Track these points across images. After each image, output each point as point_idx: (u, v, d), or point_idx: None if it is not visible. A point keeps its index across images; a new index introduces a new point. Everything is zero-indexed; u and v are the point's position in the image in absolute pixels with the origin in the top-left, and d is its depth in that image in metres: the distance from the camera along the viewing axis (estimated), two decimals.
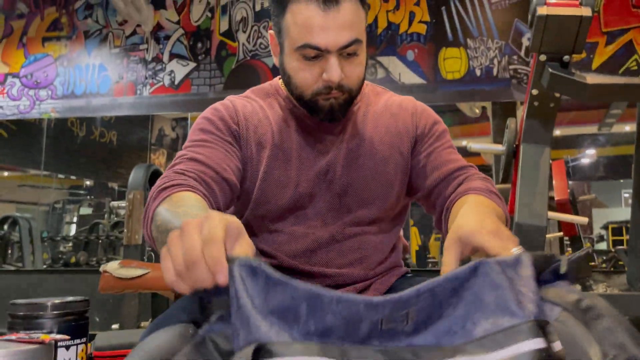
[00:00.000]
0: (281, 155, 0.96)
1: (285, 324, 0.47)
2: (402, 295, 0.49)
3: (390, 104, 1.04)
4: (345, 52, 0.88)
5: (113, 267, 1.57)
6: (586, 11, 1.53)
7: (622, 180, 11.62)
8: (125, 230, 2.39)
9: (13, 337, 0.48)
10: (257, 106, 1.00)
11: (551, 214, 1.95)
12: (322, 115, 0.93)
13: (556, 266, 0.52)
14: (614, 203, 11.91)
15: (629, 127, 7.07)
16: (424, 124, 1.02)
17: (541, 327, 0.45)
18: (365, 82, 1.02)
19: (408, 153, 1.00)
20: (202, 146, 0.91)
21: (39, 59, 3.76)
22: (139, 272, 1.55)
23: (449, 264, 0.64)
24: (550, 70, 1.57)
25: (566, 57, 1.58)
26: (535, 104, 1.72)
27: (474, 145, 2.08)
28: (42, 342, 0.46)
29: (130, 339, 0.71)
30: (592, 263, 5.40)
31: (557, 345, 0.44)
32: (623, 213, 10.65)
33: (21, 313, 0.60)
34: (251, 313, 0.46)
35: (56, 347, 0.52)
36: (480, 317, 0.48)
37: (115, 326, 2.42)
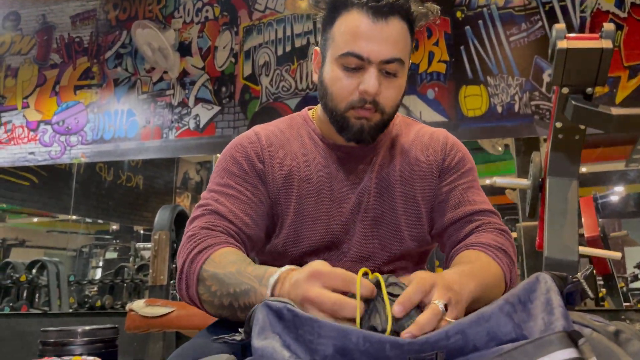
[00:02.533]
0: (312, 189, 0.94)
1: (311, 357, 0.47)
2: (429, 337, 0.48)
3: (421, 134, 1.02)
4: (386, 69, 0.87)
5: (139, 305, 1.58)
6: (607, 43, 1.53)
7: None
8: (150, 271, 2.41)
9: None
10: (283, 138, 0.98)
11: (582, 249, 1.90)
12: (350, 135, 0.91)
13: (571, 287, 0.51)
14: None
15: None
16: (452, 157, 0.99)
17: (572, 340, 0.44)
18: (397, 113, 1.02)
19: (435, 184, 0.98)
20: (226, 194, 0.90)
21: (71, 107, 3.91)
22: (164, 310, 1.56)
23: (405, 294, 0.62)
24: (573, 102, 1.56)
25: (589, 90, 1.58)
26: (560, 136, 1.70)
27: (499, 180, 2.07)
28: None
29: None
30: (627, 303, 5.19)
31: (591, 357, 0.43)
32: None
33: (52, 340, 0.60)
34: (275, 346, 0.46)
35: None
36: (509, 331, 0.47)
37: None
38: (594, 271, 3.44)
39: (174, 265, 2.62)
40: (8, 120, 3.99)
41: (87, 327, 0.59)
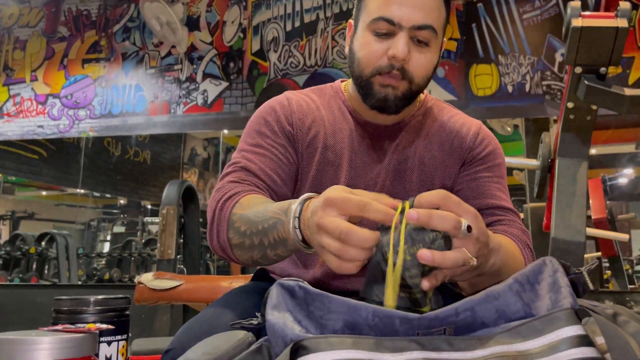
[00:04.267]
0: (332, 158, 0.94)
1: (321, 332, 0.48)
2: (439, 313, 0.48)
3: (454, 121, 0.99)
4: (417, 37, 0.85)
5: (148, 278, 1.60)
6: (622, 22, 1.50)
7: None
8: (158, 245, 2.43)
9: (59, 327, 0.50)
10: (314, 106, 0.98)
11: (590, 230, 1.90)
12: (373, 101, 0.89)
13: (573, 277, 0.52)
14: None
15: None
16: (480, 148, 0.96)
17: (579, 317, 0.44)
18: (431, 96, 1.00)
19: (456, 172, 0.95)
20: (256, 153, 0.91)
21: (79, 80, 3.91)
22: (172, 283, 1.58)
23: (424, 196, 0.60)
24: (586, 82, 1.54)
25: (603, 69, 1.56)
26: (571, 117, 1.69)
27: (507, 159, 2.05)
28: (88, 331, 0.47)
29: (166, 345, 0.72)
30: (632, 286, 5.20)
31: (600, 339, 0.43)
32: None
33: (65, 308, 0.62)
34: (286, 321, 0.46)
35: (100, 338, 0.54)
36: (518, 309, 0.47)
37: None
38: (601, 254, 3.44)
39: (181, 240, 2.64)
40: (17, 93, 4.00)
41: (100, 297, 0.61)
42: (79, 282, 5.34)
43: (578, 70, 1.60)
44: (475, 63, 3.23)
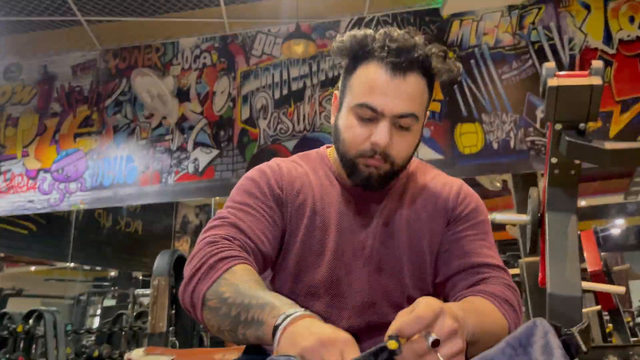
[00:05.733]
0: (320, 222, 0.94)
1: None
2: None
3: (435, 182, 1.02)
4: (399, 123, 0.88)
5: (138, 354, 1.55)
6: (596, 80, 1.56)
7: None
8: (150, 318, 2.37)
9: None
10: (302, 171, 1.00)
11: (585, 284, 1.89)
12: (358, 180, 0.92)
13: (565, 338, 0.51)
14: None
15: None
16: (463, 207, 0.98)
17: None
18: (414, 159, 1.02)
19: (442, 232, 0.97)
20: (244, 212, 0.90)
21: (70, 154, 3.94)
22: (164, 359, 1.53)
23: (393, 325, 0.62)
24: (567, 138, 1.58)
25: (582, 125, 1.60)
26: (556, 171, 1.71)
27: (498, 216, 2.06)
28: None
29: None
30: (635, 339, 5.10)
31: None
32: None
33: None
34: None
35: None
36: None
37: None
38: (601, 307, 3.39)
39: (173, 312, 2.58)
40: (7, 169, 4.01)
41: None
42: None
43: (558, 127, 1.65)
44: (459, 122, 3.32)
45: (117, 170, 3.80)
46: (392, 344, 0.55)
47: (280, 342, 0.62)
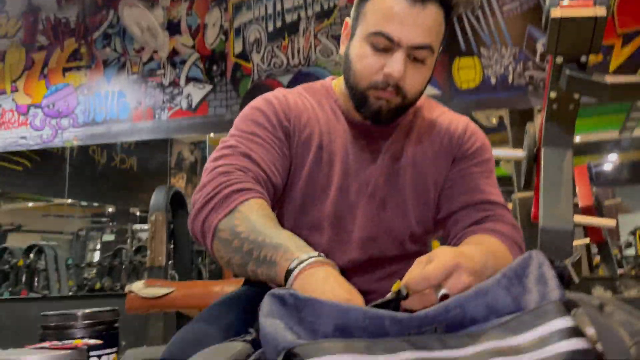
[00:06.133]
0: (325, 157, 0.93)
1: (313, 337, 0.48)
2: (429, 312, 0.48)
3: (441, 120, 1.00)
4: (414, 55, 0.85)
5: (138, 286, 1.59)
6: (600, 11, 1.52)
7: None
8: (148, 252, 2.41)
9: (46, 345, 0.49)
10: (308, 104, 0.97)
11: (577, 218, 1.92)
12: (367, 113, 0.89)
13: (557, 270, 0.52)
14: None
15: None
16: (468, 145, 0.97)
17: (568, 309, 0.44)
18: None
19: (447, 169, 0.96)
20: (254, 142, 0.88)
21: (60, 89, 3.86)
22: (164, 290, 1.57)
23: (407, 275, 0.64)
24: (568, 71, 1.55)
25: (583, 58, 1.57)
26: (554, 106, 1.70)
27: (494, 151, 2.06)
28: (75, 347, 0.46)
29: (158, 354, 0.70)
30: (621, 270, 5.27)
31: (590, 329, 0.43)
32: None
33: (53, 323, 0.61)
34: (277, 329, 0.46)
35: (88, 354, 0.53)
36: (508, 304, 0.48)
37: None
38: (590, 240, 3.47)
39: (171, 246, 2.62)
40: None
41: (88, 310, 0.59)
42: (70, 293, 5.29)
43: (559, 60, 1.62)
44: (458, 56, 3.24)
45: (109, 106, 3.74)
46: (394, 287, 0.57)
47: (292, 287, 0.62)
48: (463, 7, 0.90)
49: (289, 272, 0.64)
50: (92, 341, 0.50)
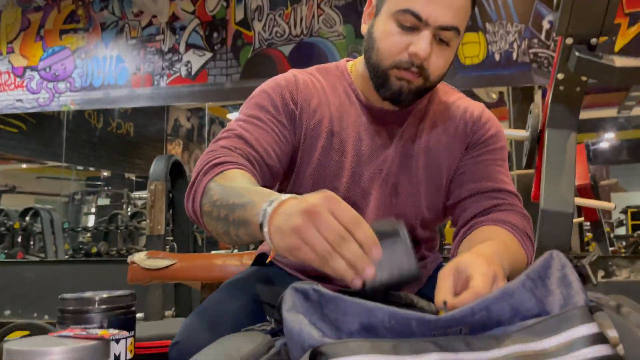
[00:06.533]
0: (337, 144, 0.92)
1: (337, 335, 0.48)
2: (455, 314, 0.48)
3: (457, 105, 0.98)
4: (440, 36, 0.83)
5: (140, 258, 1.59)
6: None
7: None
8: (147, 221, 2.42)
9: (70, 333, 0.49)
10: (320, 87, 0.95)
11: (577, 200, 1.93)
12: (388, 93, 0.87)
13: (576, 269, 0.52)
14: (633, 187, 11.73)
15: None
16: (483, 132, 0.96)
17: (591, 313, 0.45)
18: None
19: (460, 156, 0.95)
20: (253, 124, 0.88)
21: (57, 52, 3.79)
22: (166, 262, 1.58)
23: (444, 291, 0.63)
24: (577, 53, 1.53)
25: (593, 40, 1.55)
26: (561, 88, 1.68)
27: None
28: (101, 338, 0.46)
29: (169, 330, 0.71)
30: (613, 248, 5.35)
31: (612, 332, 0.44)
32: None
33: (71, 307, 0.61)
34: (302, 325, 0.46)
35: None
36: (532, 306, 0.48)
37: (139, 315, 2.46)
38: (584, 219, 3.51)
39: (170, 214, 2.63)
40: None
41: (105, 295, 0.60)
42: (66, 257, 5.32)
43: (569, 41, 1.59)
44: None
45: (107, 71, 3.68)
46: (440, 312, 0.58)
47: (272, 240, 0.60)
48: None
49: (261, 226, 0.63)
50: (116, 331, 0.50)
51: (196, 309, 0.79)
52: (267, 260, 0.75)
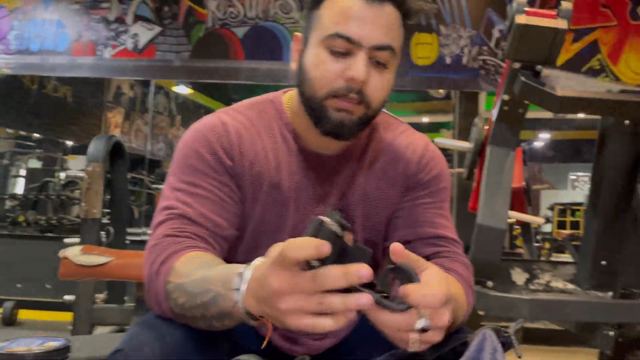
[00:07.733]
0: (278, 197, 0.87)
1: None
2: None
3: (399, 142, 0.93)
4: (376, 58, 0.79)
5: (74, 252, 1.53)
6: (562, 24, 1.56)
7: (569, 164, 12.21)
8: (83, 204, 2.32)
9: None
10: (254, 132, 0.88)
11: (510, 213, 2.02)
12: (327, 127, 0.81)
13: (502, 339, 0.55)
14: (560, 185, 12.46)
15: (582, 114, 7.32)
16: (425, 173, 0.91)
17: None
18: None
19: (398, 201, 0.91)
20: (194, 195, 0.81)
21: None
22: (101, 260, 1.52)
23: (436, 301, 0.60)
24: (522, 79, 1.59)
25: (539, 67, 1.62)
26: (505, 108, 1.75)
27: (440, 141, 2.11)
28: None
29: (110, 345, 0.66)
30: (538, 244, 5.68)
31: None
32: (569, 195, 11.22)
33: None
34: None
35: None
36: None
37: (68, 297, 2.37)
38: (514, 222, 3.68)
39: (107, 197, 2.54)
40: None
41: (36, 350, 0.57)
42: None
43: (516, 65, 1.65)
44: (417, 31, 3.23)
45: (46, 35, 3.46)
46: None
47: (262, 303, 0.59)
48: (415, 17, 0.85)
49: (244, 310, 0.63)
50: None
51: (141, 320, 0.75)
52: (262, 346, 0.74)
